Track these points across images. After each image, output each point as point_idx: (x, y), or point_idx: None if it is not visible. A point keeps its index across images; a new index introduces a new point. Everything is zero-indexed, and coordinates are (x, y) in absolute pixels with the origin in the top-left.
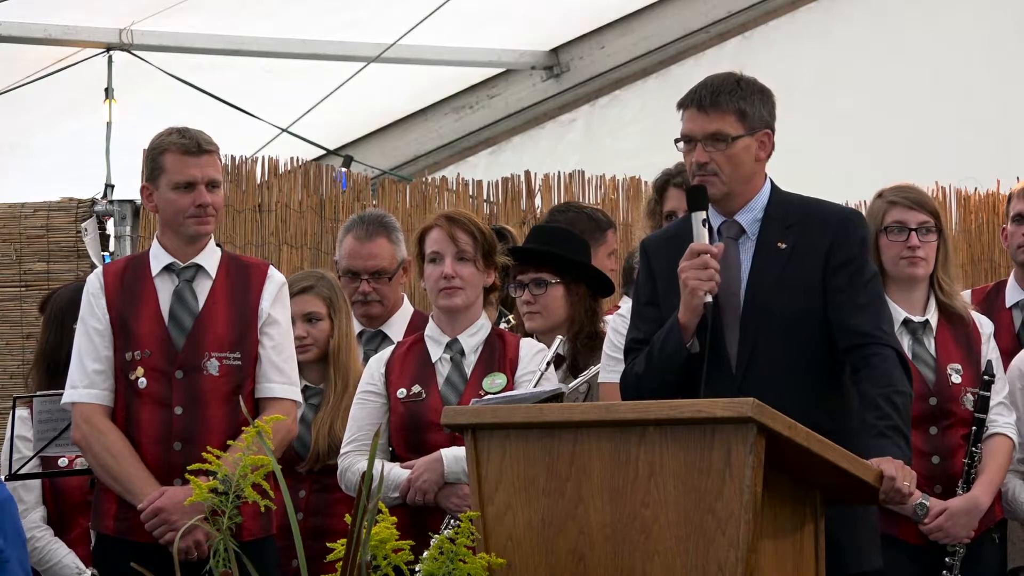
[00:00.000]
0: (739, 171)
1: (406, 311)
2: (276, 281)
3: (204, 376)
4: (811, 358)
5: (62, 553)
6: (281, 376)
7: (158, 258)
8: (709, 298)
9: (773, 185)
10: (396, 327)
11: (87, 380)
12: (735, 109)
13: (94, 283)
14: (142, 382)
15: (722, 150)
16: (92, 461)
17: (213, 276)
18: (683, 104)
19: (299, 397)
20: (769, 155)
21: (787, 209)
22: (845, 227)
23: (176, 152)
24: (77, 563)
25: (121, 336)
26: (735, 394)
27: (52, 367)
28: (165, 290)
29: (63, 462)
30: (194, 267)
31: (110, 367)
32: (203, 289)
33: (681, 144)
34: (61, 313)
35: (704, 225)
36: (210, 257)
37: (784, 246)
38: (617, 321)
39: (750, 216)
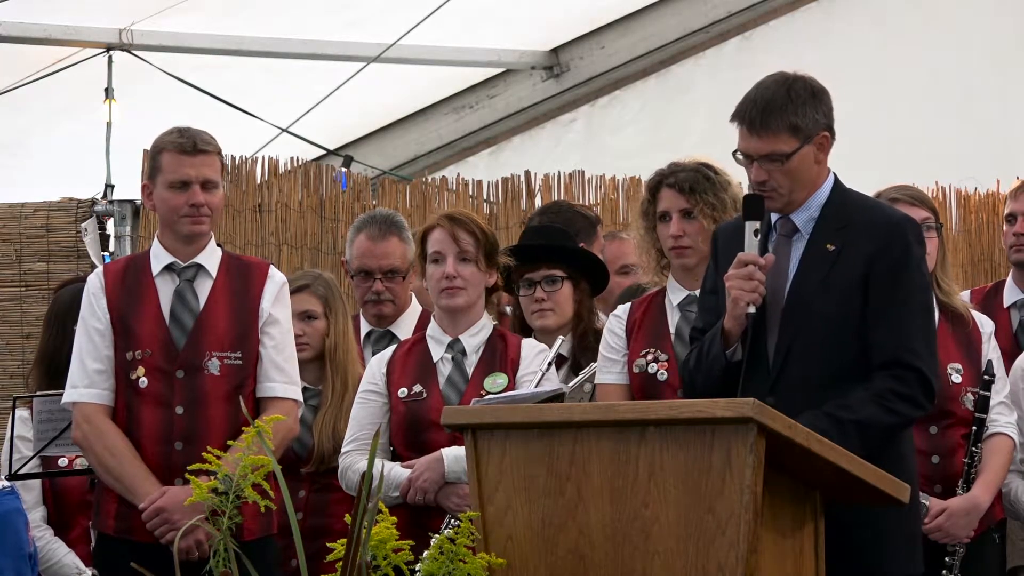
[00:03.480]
0: (800, 181)
1: (414, 311)
2: (277, 281)
3: (205, 376)
4: (846, 361)
5: (62, 552)
6: (282, 376)
7: (159, 258)
8: (752, 308)
9: (836, 182)
10: (405, 327)
11: (88, 380)
12: (787, 125)
13: (95, 283)
14: (143, 382)
15: (779, 168)
16: (93, 461)
17: (214, 276)
18: (735, 119)
19: (300, 397)
20: (829, 151)
21: (843, 210)
22: (892, 234)
23: (172, 151)
24: (77, 563)
25: (122, 336)
26: (766, 393)
27: (52, 368)
28: (166, 290)
29: (63, 462)
30: (195, 267)
31: (111, 367)
32: (204, 289)
33: (739, 154)
34: (62, 314)
35: (756, 235)
36: (211, 257)
37: (833, 248)
38: (613, 322)
39: (806, 215)
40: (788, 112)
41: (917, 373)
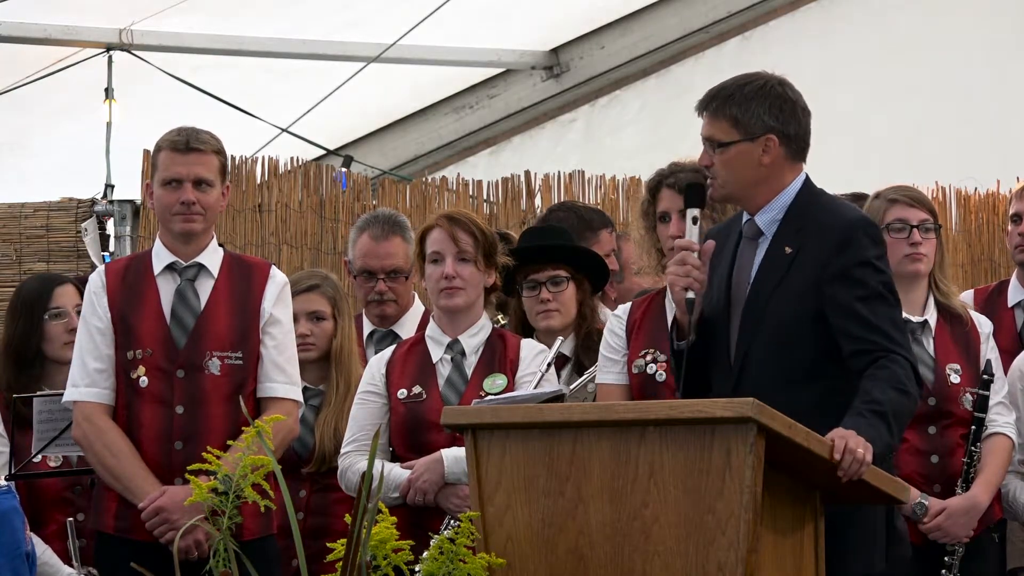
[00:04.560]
0: (737, 175)
1: (417, 310)
2: (278, 281)
3: (205, 375)
4: (801, 363)
5: (39, 549)
6: (283, 376)
7: (160, 257)
8: (690, 294)
9: (805, 186)
10: (407, 327)
11: (88, 379)
12: (728, 116)
13: (96, 281)
14: (143, 381)
15: (717, 155)
16: (93, 460)
17: (215, 275)
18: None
19: (300, 397)
20: (780, 158)
21: (806, 212)
22: (848, 236)
23: (167, 149)
24: (55, 559)
25: (123, 335)
26: (730, 393)
27: (21, 359)
28: (167, 289)
29: (37, 459)
30: (196, 266)
31: (111, 366)
32: (205, 288)
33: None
34: (30, 302)
35: (695, 223)
36: (212, 256)
37: (790, 251)
38: (613, 322)
39: (768, 217)
40: (732, 104)
41: (909, 362)
